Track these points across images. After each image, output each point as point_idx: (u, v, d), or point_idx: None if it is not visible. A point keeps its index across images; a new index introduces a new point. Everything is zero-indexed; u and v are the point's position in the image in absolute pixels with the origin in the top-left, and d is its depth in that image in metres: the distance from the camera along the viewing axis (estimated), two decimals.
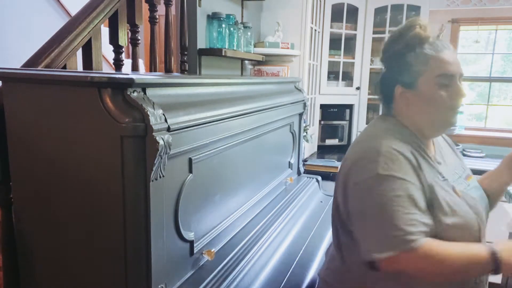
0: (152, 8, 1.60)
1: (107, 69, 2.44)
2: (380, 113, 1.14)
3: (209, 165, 1.08)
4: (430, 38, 0.99)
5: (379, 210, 0.87)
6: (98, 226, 0.85)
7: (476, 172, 1.24)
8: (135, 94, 0.80)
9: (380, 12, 3.24)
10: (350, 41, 3.37)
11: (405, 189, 0.87)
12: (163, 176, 0.83)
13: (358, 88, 3.39)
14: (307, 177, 2.04)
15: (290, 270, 1.24)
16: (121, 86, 0.79)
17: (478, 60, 3.69)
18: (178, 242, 0.96)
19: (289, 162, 1.89)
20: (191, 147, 0.95)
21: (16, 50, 2.24)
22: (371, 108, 3.44)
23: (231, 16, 2.16)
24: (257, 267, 1.17)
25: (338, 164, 2.69)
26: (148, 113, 0.77)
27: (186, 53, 1.89)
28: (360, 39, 3.31)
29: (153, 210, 0.82)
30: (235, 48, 2.22)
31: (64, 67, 1.19)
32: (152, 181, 0.81)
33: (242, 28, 2.30)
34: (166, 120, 0.82)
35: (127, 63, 1.76)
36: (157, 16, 1.64)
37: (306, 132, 2.73)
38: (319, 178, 2.10)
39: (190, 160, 0.97)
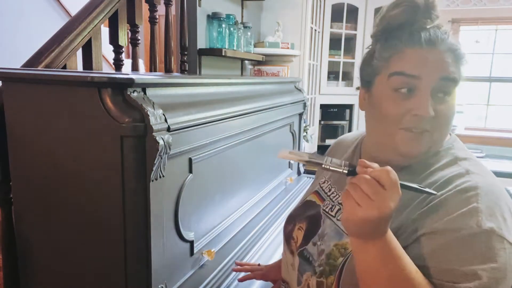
0: (152, 8, 1.60)
1: (107, 69, 2.44)
2: None
3: (209, 165, 1.08)
4: (415, 24, 0.69)
5: None
6: (98, 226, 0.85)
7: None
8: (135, 94, 0.80)
9: None
10: (350, 41, 3.37)
11: None
12: (163, 176, 0.83)
13: (358, 88, 3.38)
14: (307, 177, 2.04)
15: None
16: (121, 86, 0.78)
17: (478, 60, 3.69)
18: (178, 242, 0.96)
19: (289, 162, 1.89)
20: (191, 147, 0.95)
21: (16, 50, 2.24)
22: None
23: (231, 16, 2.16)
24: None
25: None
26: (148, 113, 0.77)
27: (186, 53, 1.89)
28: (360, 39, 3.31)
29: (153, 210, 0.82)
30: (235, 48, 2.22)
31: (64, 67, 1.19)
32: (152, 181, 0.81)
33: (242, 28, 2.30)
34: (166, 120, 0.82)
35: (127, 63, 1.77)
36: (157, 16, 1.64)
37: (306, 132, 2.73)
38: None
39: (190, 160, 0.97)
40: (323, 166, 0.63)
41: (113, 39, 1.43)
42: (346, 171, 0.62)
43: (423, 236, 0.65)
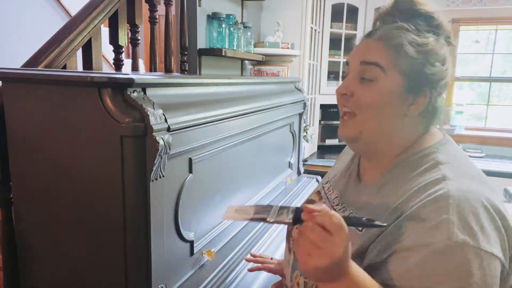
0: (152, 8, 1.60)
1: (107, 69, 2.44)
2: None
3: (209, 165, 1.08)
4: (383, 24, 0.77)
5: None
6: (98, 226, 0.85)
7: None
8: (135, 94, 0.80)
9: None
10: (350, 41, 3.37)
11: None
12: (163, 176, 0.83)
13: None
14: (307, 177, 2.04)
15: None
16: (121, 86, 0.79)
17: (478, 60, 3.69)
18: (178, 242, 0.96)
19: (289, 162, 1.89)
20: (191, 147, 0.95)
21: (16, 50, 2.24)
22: None
23: (231, 16, 2.16)
24: None
25: None
26: (148, 113, 0.77)
27: (186, 53, 1.89)
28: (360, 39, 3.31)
29: (153, 210, 0.82)
30: (235, 48, 2.22)
31: (64, 67, 1.19)
32: (152, 181, 0.81)
33: (242, 28, 2.30)
34: (166, 120, 0.82)
35: (127, 63, 1.76)
36: (157, 16, 1.64)
37: (306, 132, 2.73)
38: (319, 178, 2.10)
39: (190, 160, 0.97)
40: (267, 220, 0.61)
41: (113, 39, 1.43)
42: (291, 221, 0.59)
43: (396, 254, 0.63)
